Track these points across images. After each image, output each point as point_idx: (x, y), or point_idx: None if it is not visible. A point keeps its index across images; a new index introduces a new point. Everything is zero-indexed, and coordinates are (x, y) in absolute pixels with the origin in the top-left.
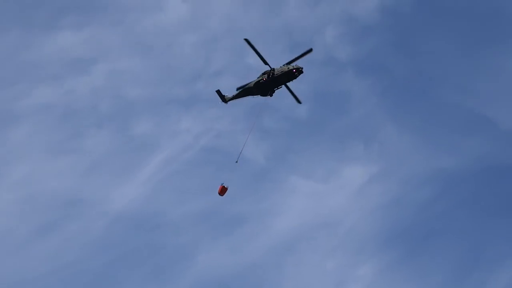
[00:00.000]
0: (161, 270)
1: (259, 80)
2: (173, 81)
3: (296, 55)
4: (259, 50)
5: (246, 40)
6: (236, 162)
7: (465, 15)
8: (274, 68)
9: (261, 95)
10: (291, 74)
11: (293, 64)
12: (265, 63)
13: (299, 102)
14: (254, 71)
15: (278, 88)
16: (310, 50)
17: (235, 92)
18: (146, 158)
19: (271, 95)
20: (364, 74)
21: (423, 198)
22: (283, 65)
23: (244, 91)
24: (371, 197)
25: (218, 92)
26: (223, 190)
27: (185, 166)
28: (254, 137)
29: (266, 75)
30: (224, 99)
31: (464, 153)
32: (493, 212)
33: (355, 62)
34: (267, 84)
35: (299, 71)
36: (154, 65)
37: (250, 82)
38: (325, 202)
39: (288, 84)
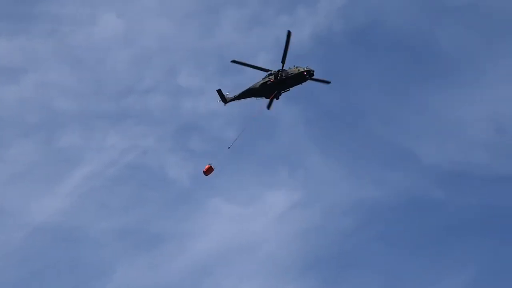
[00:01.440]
0: (78, 285)
1: (266, 82)
2: (103, 96)
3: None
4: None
5: (289, 32)
6: (228, 148)
7: (396, 50)
8: (282, 69)
9: (266, 97)
10: (301, 77)
11: (304, 66)
12: (283, 61)
13: (268, 107)
14: (184, 91)
15: (285, 91)
16: (328, 82)
17: (236, 92)
18: (69, 171)
19: (277, 98)
20: (293, 101)
21: (345, 227)
22: (293, 66)
23: (248, 92)
24: (293, 223)
25: (219, 91)
26: (209, 170)
27: (109, 182)
28: (179, 157)
29: (273, 76)
30: (224, 99)
31: (387, 185)
32: (413, 245)
33: None
34: (274, 86)
35: (310, 74)
36: (84, 79)
37: (255, 83)
38: (246, 226)
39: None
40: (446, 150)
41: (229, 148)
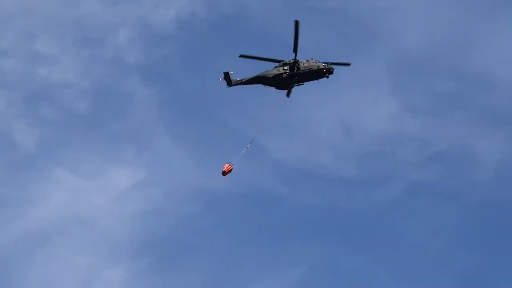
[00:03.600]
0: None
1: (281, 74)
2: None
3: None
4: None
5: (296, 22)
6: (247, 147)
7: (257, 44)
8: (298, 61)
9: (276, 88)
10: (319, 73)
11: (323, 62)
12: (295, 51)
13: (288, 95)
14: (40, 58)
15: (298, 85)
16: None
17: (244, 76)
18: None
19: (288, 93)
20: (149, 81)
21: (185, 212)
22: (311, 59)
23: (258, 79)
24: (134, 202)
25: (226, 74)
26: (228, 170)
27: None
28: (27, 123)
29: (288, 68)
30: (229, 81)
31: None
32: (251, 236)
33: (143, 67)
34: (288, 79)
35: (330, 71)
36: None
37: (268, 71)
38: (87, 199)
39: None
40: (294, 147)
41: (247, 147)
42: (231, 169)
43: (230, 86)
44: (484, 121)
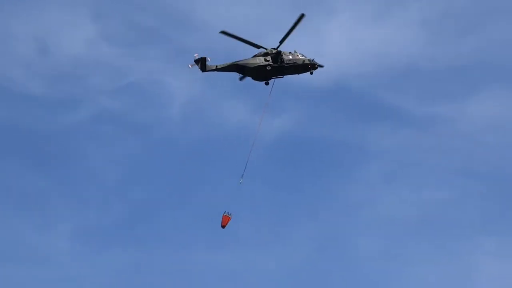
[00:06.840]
0: None
1: (264, 65)
2: None
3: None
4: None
5: (302, 15)
6: (240, 182)
7: None
8: (281, 52)
9: (253, 79)
10: (304, 68)
11: (308, 57)
12: (281, 41)
13: (241, 79)
14: None
15: (278, 77)
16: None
17: (219, 62)
18: None
19: (267, 83)
20: None
21: None
22: (294, 52)
23: (235, 67)
24: None
25: (203, 59)
26: (226, 220)
27: None
28: None
29: (271, 59)
30: (204, 67)
31: None
32: None
33: None
34: (271, 71)
35: (314, 67)
36: None
37: (247, 60)
38: None
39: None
40: None
41: (240, 183)
42: (230, 219)
43: (204, 71)
44: (178, 60)
